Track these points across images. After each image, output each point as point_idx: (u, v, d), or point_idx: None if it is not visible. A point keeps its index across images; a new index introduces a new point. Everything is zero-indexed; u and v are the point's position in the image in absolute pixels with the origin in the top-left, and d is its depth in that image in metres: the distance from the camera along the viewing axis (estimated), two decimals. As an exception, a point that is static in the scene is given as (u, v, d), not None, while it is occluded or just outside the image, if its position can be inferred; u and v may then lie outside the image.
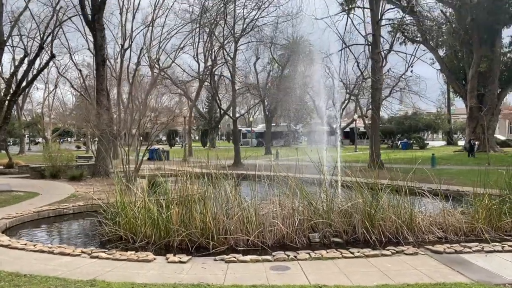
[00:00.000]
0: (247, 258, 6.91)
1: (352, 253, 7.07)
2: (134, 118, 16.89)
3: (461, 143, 53.84)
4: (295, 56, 40.45)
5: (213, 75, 35.31)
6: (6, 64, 50.10)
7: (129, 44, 34.60)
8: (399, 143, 51.63)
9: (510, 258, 6.92)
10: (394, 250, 7.20)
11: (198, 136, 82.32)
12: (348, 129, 59.33)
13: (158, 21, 37.47)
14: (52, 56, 26.76)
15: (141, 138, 18.58)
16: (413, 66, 29.17)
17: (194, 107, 44.06)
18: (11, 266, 6.59)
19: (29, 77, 27.48)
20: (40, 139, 74.36)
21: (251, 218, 8.50)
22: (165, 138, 74.32)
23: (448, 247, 7.34)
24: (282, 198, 9.26)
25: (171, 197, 9.40)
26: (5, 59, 40.44)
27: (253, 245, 8.26)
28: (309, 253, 7.08)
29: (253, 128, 68.20)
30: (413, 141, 51.25)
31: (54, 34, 27.60)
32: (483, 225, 8.87)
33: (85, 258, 7.15)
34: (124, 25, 34.72)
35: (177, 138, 75.79)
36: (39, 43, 31.74)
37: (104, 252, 7.36)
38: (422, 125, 51.28)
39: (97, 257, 7.16)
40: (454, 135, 63.20)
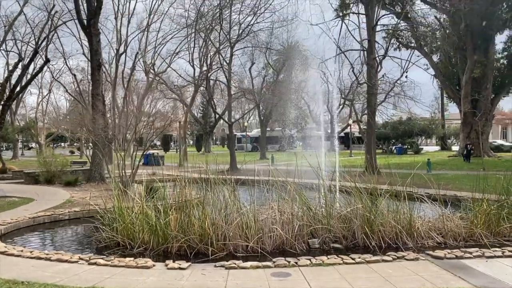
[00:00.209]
0: (248, 264, 6.85)
1: (353, 259, 7.03)
2: (130, 123, 16.76)
3: (455, 148, 54.14)
4: (290, 61, 40.59)
5: (209, 80, 35.28)
6: (0, 69, 49.86)
7: (124, 49, 34.49)
8: (394, 148, 51.84)
9: (511, 263, 6.91)
10: (395, 255, 7.17)
11: (192, 141, 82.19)
12: (343, 134, 59.48)
13: (153, 26, 37.44)
14: (47, 61, 26.63)
15: (134, 143, 18.48)
16: (407, 72, 29.26)
17: (189, 112, 43.96)
18: (8, 273, 6.49)
19: (23, 82, 27.34)
20: (34, 144, 73.86)
21: (250, 224, 8.45)
22: (159, 143, 74.09)
23: (449, 253, 7.33)
24: (281, 204, 9.22)
25: (169, 202, 9.33)
26: (-2, 63, 40.22)
27: (252, 251, 8.20)
28: (309, 259, 7.03)
29: (248, 133, 68.17)
30: (407, 146, 51.50)
31: (49, 39, 27.49)
32: (482, 230, 8.86)
33: (83, 265, 7.05)
34: (119, 30, 34.62)
35: (171, 143, 75.55)
36: (33, 48, 31.62)
37: (102, 258, 7.26)
38: (418, 130, 51.53)
39: (95, 263, 7.06)
40: (448, 140, 63.53)
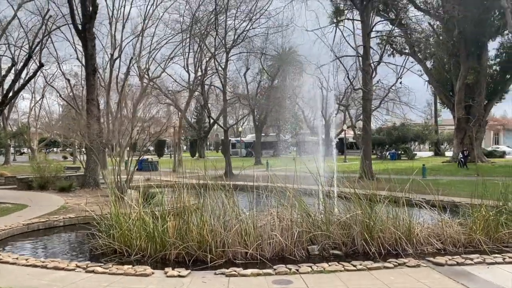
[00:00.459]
0: (248, 271, 6.76)
1: (354, 265, 6.97)
2: (125, 128, 16.64)
3: (448, 153, 54.41)
4: (285, 66, 40.69)
5: (204, 85, 35.24)
6: (-8, 74, 49.34)
7: (119, 54, 34.33)
8: (388, 153, 52.00)
9: (512, 269, 6.89)
10: (396, 262, 7.12)
11: (186, 146, 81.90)
12: (337, 139, 59.61)
13: (148, 31, 37.31)
14: (41, 65, 26.43)
15: (127, 148, 18.35)
16: (402, 77, 29.44)
17: (184, 117, 43.82)
18: (3, 282, 6.35)
19: (16, 87, 27.10)
20: (26, 150, 73.23)
21: (249, 231, 8.36)
22: (152, 148, 73.75)
23: (450, 259, 7.29)
24: (280, 210, 9.15)
25: (166, 208, 9.24)
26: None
27: (251, 258, 8.11)
28: (310, 266, 6.96)
29: (242, 138, 68.12)
30: (401, 151, 51.68)
31: (42, 44, 27.32)
32: (481, 236, 8.85)
33: (80, 273, 6.92)
34: (114, 35, 34.47)
35: (165, 149, 75.22)
36: (27, 52, 31.40)
37: (100, 266, 7.14)
38: (413, 135, 51.78)
39: (92, 271, 6.94)
40: (441, 146, 63.89)
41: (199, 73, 38.71)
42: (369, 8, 24.64)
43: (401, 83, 29.72)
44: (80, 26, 21.24)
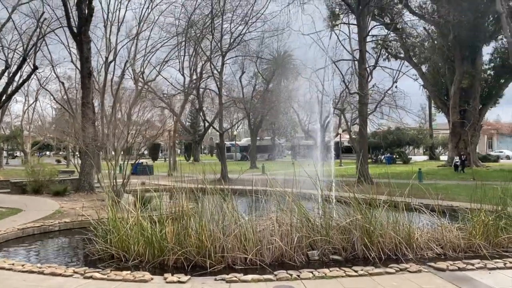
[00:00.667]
0: (249, 277, 6.68)
1: (356, 271, 6.91)
2: (121, 131, 16.50)
3: (443, 158, 54.63)
4: (280, 70, 40.69)
5: (199, 88, 35.14)
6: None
7: (114, 57, 34.13)
8: (383, 157, 52.13)
9: (514, 275, 6.86)
10: (398, 267, 7.07)
11: (180, 150, 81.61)
12: (332, 143, 59.60)
13: (143, 34, 37.15)
14: (35, 68, 26.29)
15: (122, 152, 18.16)
16: (397, 82, 29.51)
17: (179, 121, 43.67)
18: (-1, 289, 6.24)
19: (8, 90, 26.87)
20: (18, 153, 72.67)
21: (248, 236, 8.28)
22: (146, 152, 73.41)
23: (451, 264, 7.25)
24: (279, 215, 9.07)
25: (164, 213, 9.13)
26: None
27: (251, 264, 8.03)
28: (312, 271, 6.88)
29: (237, 142, 68.03)
30: (396, 155, 51.83)
31: (37, 46, 27.13)
32: (480, 241, 8.83)
33: (78, 279, 6.80)
34: (109, 38, 34.28)
35: (159, 152, 74.91)
36: (21, 55, 31.14)
37: (98, 272, 7.03)
38: (409, 139, 51.95)
39: (90, 277, 6.82)
40: (436, 150, 64.15)
41: (194, 77, 38.63)
42: (365, 13, 24.71)
43: (396, 87, 29.81)
44: (75, 29, 21.11)
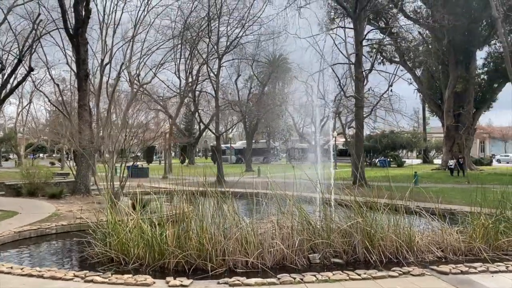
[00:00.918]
0: (252, 281, 6.63)
1: (359, 274, 6.89)
2: (118, 134, 16.40)
3: (437, 161, 54.91)
4: (276, 73, 40.72)
5: (195, 91, 35.08)
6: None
7: (110, 59, 34.00)
8: (377, 161, 52.29)
9: (516, 278, 6.88)
10: (401, 271, 7.06)
11: (174, 153, 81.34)
12: (327, 146, 59.71)
13: (139, 36, 37.04)
14: (30, 70, 26.14)
15: (116, 154, 18.04)
16: (392, 85, 29.65)
17: (174, 123, 43.56)
18: (-1, 293, 6.14)
19: (3, 92, 26.68)
20: (11, 155, 72.06)
21: (249, 239, 8.24)
22: (140, 154, 73.02)
23: (453, 268, 7.25)
24: (280, 217, 9.03)
25: (164, 216, 9.07)
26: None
27: (252, 267, 7.98)
28: (315, 275, 6.86)
29: (232, 145, 67.95)
30: (390, 159, 52.01)
31: (32, 48, 26.98)
32: (481, 245, 8.85)
33: (79, 282, 6.73)
34: (105, 40, 34.14)
35: (154, 155, 74.59)
36: (15, 57, 30.93)
37: (98, 275, 6.95)
38: (404, 143, 52.16)
39: (91, 281, 6.75)
40: (429, 154, 64.47)
41: (190, 80, 38.56)
42: (362, 17, 24.84)
43: (391, 90, 29.95)
44: (72, 31, 20.99)
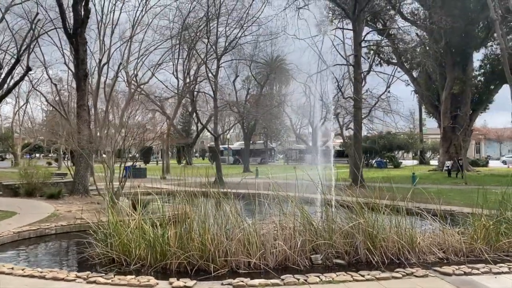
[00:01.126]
0: (256, 282, 6.61)
1: (363, 275, 6.88)
2: (118, 134, 16.36)
3: (433, 162, 55.10)
4: (274, 74, 40.70)
5: (193, 92, 35.03)
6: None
7: (107, 59, 33.93)
8: (374, 162, 52.40)
9: (519, 279, 6.90)
10: (404, 272, 7.06)
11: (171, 153, 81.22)
12: (325, 147, 59.77)
13: (137, 37, 37.00)
14: (28, 70, 26.02)
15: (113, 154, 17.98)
16: (390, 87, 29.74)
17: (172, 124, 43.51)
18: (1, 294, 6.10)
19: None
20: (8, 155, 71.68)
21: (252, 240, 8.22)
22: (138, 155, 72.86)
23: (456, 269, 7.25)
24: (282, 218, 9.02)
25: (166, 216, 9.04)
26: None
27: (254, 268, 7.97)
28: (318, 276, 6.85)
29: (229, 146, 67.92)
30: (386, 160, 52.15)
31: (30, 48, 26.87)
32: (482, 246, 8.87)
33: (81, 284, 6.68)
34: (103, 40, 34.07)
35: (151, 155, 74.44)
36: (12, 56, 30.83)
37: (101, 276, 6.91)
38: (402, 143, 52.30)
39: (94, 282, 6.71)
40: (425, 155, 64.69)
41: (188, 80, 38.50)
42: (361, 18, 24.91)
43: (389, 92, 30.04)
44: (71, 31, 20.90)
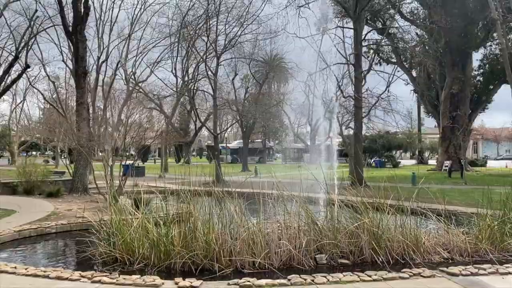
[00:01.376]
0: (263, 282, 6.55)
1: (370, 276, 6.83)
2: (119, 132, 16.27)
3: (431, 162, 55.15)
4: (274, 73, 40.62)
5: (193, 90, 34.92)
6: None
7: (106, 57, 33.80)
8: (372, 161, 52.43)
9: (527, 280, 6.86)
10: (411, 272, 7.01)
11: (169, 152, 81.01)
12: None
13: (135, 34, 36.87)
14: (26, 67, 25.88)
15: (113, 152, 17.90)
16: (390, 86, 29.71)
17: (170, 123, 43.37)
18: (5, 294, 6.02)
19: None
20: (4, 153, 71.41)
21: (256, 239, 8.17)
22: (136, 153, 72.64)
23: (463, 269, 7.21)
24: (286, 218, 8.97)
25: (170, 215, 8.98)
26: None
27: (259, 267, 7.91)
28: (325, 276, 6.80)
29: (228, 145, 67.82)
30: (385, 159, 52.18)
31: (28, 45, 26.71)
32: (487, 246, 8.84)
33: (86, 283, 6.60)
34: (101, 37, 33.92)
35: (148, 154, 74.22)
36: (9, 53, 30.62)
37: (106, 276, 6.84)
38: (400, 143, 52.34)
39: (99, 281, 6.63)
40: (424, 154, 64.78)
41: (186, 78, 38.39)
42: (362, 17, 24.87)
43: (389, 91, 30.00)
44: (70, 28, 20.78)
